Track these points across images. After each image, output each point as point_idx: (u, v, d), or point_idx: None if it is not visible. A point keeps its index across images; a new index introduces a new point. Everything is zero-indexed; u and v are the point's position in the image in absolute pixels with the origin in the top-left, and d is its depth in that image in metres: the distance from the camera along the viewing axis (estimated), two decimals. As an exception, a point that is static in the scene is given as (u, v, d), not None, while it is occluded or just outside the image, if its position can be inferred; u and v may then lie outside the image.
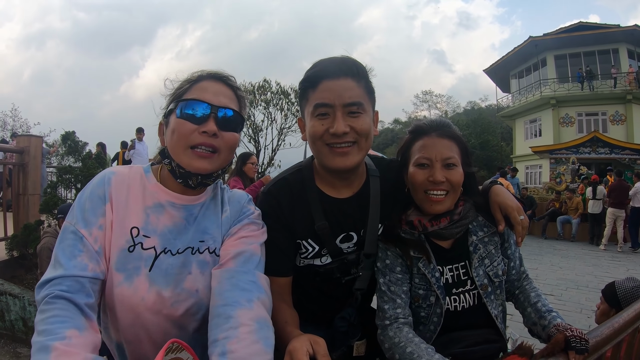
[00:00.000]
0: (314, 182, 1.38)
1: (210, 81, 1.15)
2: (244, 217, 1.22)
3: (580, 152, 20.56)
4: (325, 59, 1.30)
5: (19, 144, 5.79)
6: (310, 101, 1.25)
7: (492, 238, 1.38)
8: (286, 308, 1.25)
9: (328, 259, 1.39)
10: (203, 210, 1.19)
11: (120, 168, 1.17)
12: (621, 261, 9.12)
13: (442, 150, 1.29)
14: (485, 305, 1.32)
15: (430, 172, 1.29)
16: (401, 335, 1.24)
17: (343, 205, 1.37)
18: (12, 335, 4.10)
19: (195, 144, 1.07)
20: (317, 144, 1.26)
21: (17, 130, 23.34)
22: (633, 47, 22.75)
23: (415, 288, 1.34)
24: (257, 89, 14.11)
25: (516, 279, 1.45)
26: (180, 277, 1.11)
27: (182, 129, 1.07)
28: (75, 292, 0.94)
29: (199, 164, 1.08)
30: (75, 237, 1.02)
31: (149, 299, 1.06)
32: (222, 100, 1.12)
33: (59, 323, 0.86)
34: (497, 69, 28.56)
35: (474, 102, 55.14)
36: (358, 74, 1.24)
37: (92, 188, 1.10)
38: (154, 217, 1.12)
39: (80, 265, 0.98)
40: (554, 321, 1.27)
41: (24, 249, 4.86)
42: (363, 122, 1.23)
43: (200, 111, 1.08)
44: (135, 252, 1.08)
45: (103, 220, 1.07)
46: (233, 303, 0.97)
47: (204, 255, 1.14)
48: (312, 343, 0.94)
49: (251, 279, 1.06)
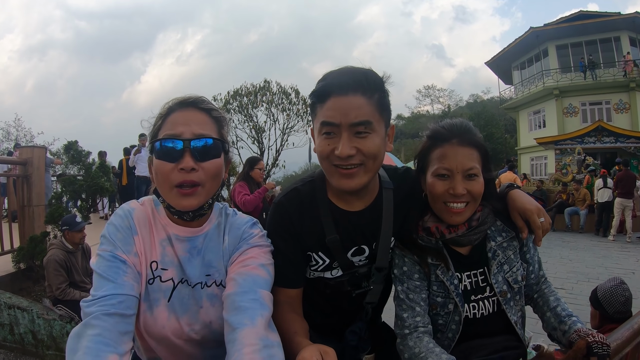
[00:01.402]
0: (325, 193, 1.33)
1: (180, 111, 1.11)
2: (243, 242, 1.19)
3: (585, 142, 20.45)
4: (335, 70, 1.23)
5: (21, 155, 5.79)
6: (318, 117, 1.20)
7: (511, 243, 1.34)
8: (296, 318, 1.23)
9: (339, 272, 1.36)
10: (207, 242, 1.19)
11: (135, 203, 1.19)
12: (631, 252, 9.04)
13: (464, 160, 1.22)
14: (504, 312, 1.28)
15: (450, 184, 1.23)
16: (421, 345, 1.21)
17: (355, 218, 1.32)
18: (22, 348, 4.10)
19: (178, 183, 1.06)
20: (324, 163, 1.22)
21: (21, 140, 23.51)
22: (635, 35, 22.54)
23: (434, 295, 1.30)
24: (259, 90, 14.14)
25: (535, 283, 1.41)
26: (194, 308, 1.14)
27: (162, 170, 1.06)
28: (126, 308, 0.97)
29: (185, 203, 1.07)
30: (118, 260, 1.05)
31: (169, 326, 1.12)
32: (195, 130, 1.08)
33: (103, 345, 0.89)
34: (499, 61, 28.44)
35: (477, 94, 54.97)
36: (369, 89, 1.15)
37: (118, 221, 1.11)
38: (169, 248, 1.15)
39: (127, 284, 1.02)
40: (575, 326, 1.25)
41: (30, 260, 4.85)
42: (371, 143, 1.15)
43: (175, 148, 1.05)
44: (154, 285, 1.12)
45: (135, 249, 1.10)
46: (238, 326, 0.96)
47: (212, 289, 1.16)
48: (322, 353, 0.92)
49: (252, 297, 1.03)
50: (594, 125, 20.68)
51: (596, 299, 2.50)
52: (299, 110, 14.03)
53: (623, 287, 2.44)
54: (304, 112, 13.99)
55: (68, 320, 3.99)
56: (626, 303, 2.39)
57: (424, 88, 53.43)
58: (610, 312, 2.39)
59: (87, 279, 4.40)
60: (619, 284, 2.45)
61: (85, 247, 4.55)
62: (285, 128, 14.28)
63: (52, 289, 4.10)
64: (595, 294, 2.53)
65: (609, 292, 2.43)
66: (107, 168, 7.43)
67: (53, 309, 4.08)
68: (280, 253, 1.24)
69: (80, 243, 4.42)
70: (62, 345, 4.01)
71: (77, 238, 4.34)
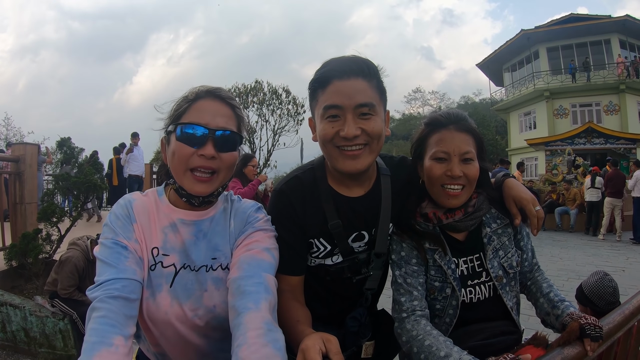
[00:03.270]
0: (326, 180, 1.36)
1: (208, 100, 1.14)
2: (248, 226, 1.21)
3: (576, 143, 20.68)
4: (335, 58, 1.26)
5: (14, 152, 5.73)
6: (320, 102, 1.22)
7: (506, 230, 1.37)
8: (299, 307, 1.24)
9: (339, 258, 1.37)
10: (213, 226, 1.20)
11: (137, 194, 1.20)
12: (620, 250, 9.16)
13: (460, 144, 1.28)
14: (500, 297, 1.31)
15: (448, 167, 1.27)
16: (419, 328, 1.23)
17: (355, 203, 1.35)
18: (14, 346, 4.06)
19: (194, 167, 1.09)
20: (327, 147, 1.24)
21: (11, 139, 23.17)
22: (625, 37, 22.89)
23: (431, 280, 1.33)
24: (250, 90, 14.11)
25: (528, 270, 1.44)
26: (198, 293, 1.15)
27: (181, 152, 1.09)
28: (129, 292, 0.99)
29: (199, 188, 1.10)
30: (119, 246, 1.06)
31: (172, 312, 1.12)
32: (219, 122, 1.12)
33: (108, 326, 0.90)
34: (490, 62, 28.65)
35: (468, 96, 55.16)
36: (369, 74, 1.20)
37: (117, 211, 1.13)
38: (171, 235, 1.16)
39: (130, 269, 1.03)
40: (567, 310, 1.27)
41: (23, 258, 4.79)
42: (375, 124, 1.19)
43: (198, 134, 1.09)
44: (156, 271, 1.13)
45: (135, 236, 1.12)
46: (242, 310, 0.97)
47: (217, 272, 1.17)
48: (324, 341, 0.93)
49: (257, 280, 1.04)
50: (584, 127, 20.91)
51: (583, 296, 2.48)
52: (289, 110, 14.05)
53: (607, 278, 2.44)
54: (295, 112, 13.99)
55: (61, 317, 3.94)
56: (614, 293, 2.39)
57: (412, 91, 53.63)
58: (600, 305, 2.37)
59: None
60: (603, 276, 2.45)
61: None
62: (277, 128, 14.27)
63: (58, 286, 3.95)
64: (581, 290, 2.51)
65: (596, 286, 2.41)
66: (100, 165, 7.35)
67: (45, 306, 4.04)
68: (282, 241, 1.25)
69: None
70: (54, 343, 3.97)
71: None
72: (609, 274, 2.49)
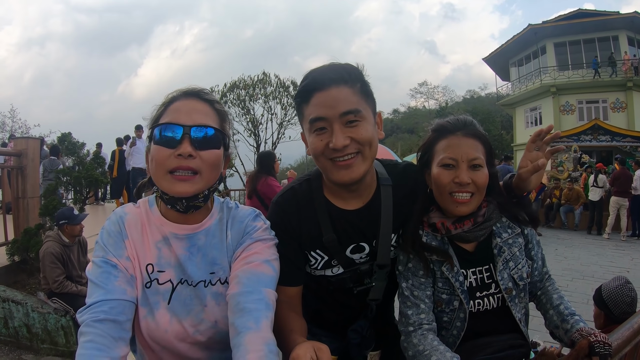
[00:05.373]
0: (322, 192, 1.33)
1: (183, 100, 1.10)
2: (247, 237, 1.16)
3: (582, 140, 20.45)
4: (314, 69, 1.24)
5: (16, 146, 5.71)
6: (306, 116, 1.20)
7: (517, 240, 1.33)
8: (294, 317, 1.22)
9: (339, 270, 1.35)
10: (209, 239, 1.15)
11: (129, 207, 1.16)
12: (625, 250, 9.11)
13: (468, 150, 1.24)
14: (509, 309, 1.28)
15: (455, 173, 1.23)
16: (426, 342, 1.20)
17: (352, 216, 1.31)
18: (16, 342, 4.08)
19: (173, 168, 1.03)
20: (320, 160, 1.21)
21: (16, 131, 23.26)
22: (633, 34, 22.57)
23: (439, 292, 1.29)
24: (257, 82, 14.05)
25: (539, 280, 1.40)
26: (197, 308, 1.11)
27: (159, 155, 1.03)
28: (117, 314, 0.97)
29: (179, 188, 1.03)
30: (108, 265, 1.04)
31: (172, 330, 1.09)
32: (196, 119, 1.06)
33: (95, 350, 0.89)
34: (497, 57, 28.39)
35: (474, 90, 54.89)
36: (350, 79, 1.17)
37: (109, 227, 1.10)
38: (165, 250, 1.12)
39: (119, 289, 1.01)
40: (577, 325, 1.24)
41: (25, 253, 4.80)
42: (363, 130, 1.16)
43: (173, 134, 1.03)
44: (152, 288, 1.10)
45: (127, 253, 1.08)
46: (242, 330, 0.95)
47: (216, 287, 1.14)
48: (315, 350, 0.92)
49: (257, 297, 1.01)
50: (591, 124, 20.70)
51: (601, 299, 2.42)
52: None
53: (628, 286, 2.38)
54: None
55: (63, 313, 3.96)
56: (632, 304, 2.32)
57: (418, 85, 53.48)
58: (616, 313, 2.32)
59: (84, 274, 4.31)
60: (624, 284, 2.39)
61: (82, 241, 4.46)
62: (283, 121, 14.23)
63: (49, 282, 4.03)
64: (599, 293, 2.45)
65: (615, 292, 2.36)
66: (102, 159, 7.36)
67: (48, 302, 4.05)
68: (279, 252, 1.22)
69: (79, 236, 4.34)
70: (56, 339, 3.99)
71: (76, 231, 4.26)
72: (630, 282, 2.44)
